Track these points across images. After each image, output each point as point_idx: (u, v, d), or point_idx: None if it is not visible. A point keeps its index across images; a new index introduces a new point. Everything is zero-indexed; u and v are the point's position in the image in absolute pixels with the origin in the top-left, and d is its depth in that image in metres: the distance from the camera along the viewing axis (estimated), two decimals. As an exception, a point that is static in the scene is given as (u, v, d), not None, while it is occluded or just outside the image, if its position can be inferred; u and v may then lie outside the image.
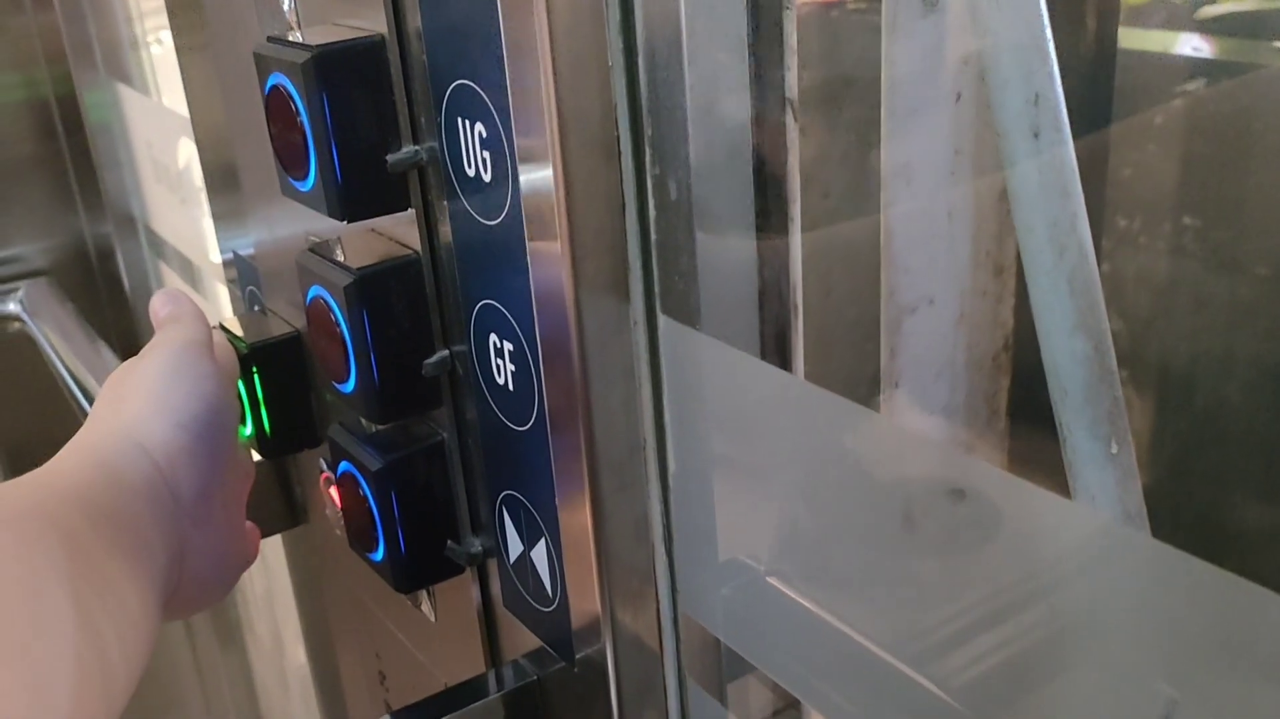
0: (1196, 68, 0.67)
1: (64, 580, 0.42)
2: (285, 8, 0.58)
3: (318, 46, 0.50)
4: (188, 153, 1.07)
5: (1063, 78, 0.37)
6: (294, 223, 0.66)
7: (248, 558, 0.62)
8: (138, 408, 0.54)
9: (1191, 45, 0.70)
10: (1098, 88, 0.61)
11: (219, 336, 0.66)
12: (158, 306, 0.62)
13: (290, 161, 0.54)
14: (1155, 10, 0.72)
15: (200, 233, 1.10)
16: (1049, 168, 0.36)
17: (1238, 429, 0.55)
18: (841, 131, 0.58)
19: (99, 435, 0.53)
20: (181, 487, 0.53)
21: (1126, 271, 0.64)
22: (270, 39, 0.54)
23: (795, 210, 0.55)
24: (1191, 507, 0.58)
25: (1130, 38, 0.68)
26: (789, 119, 0.54)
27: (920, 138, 0.54)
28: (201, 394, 0.55)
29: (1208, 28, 0.71)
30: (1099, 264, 0.40)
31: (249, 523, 0.63)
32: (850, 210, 0.58)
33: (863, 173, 0.56)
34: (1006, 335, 0.60)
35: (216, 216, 0.84)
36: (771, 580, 0.46)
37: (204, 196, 0.96)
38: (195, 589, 0.55)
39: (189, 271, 1.21)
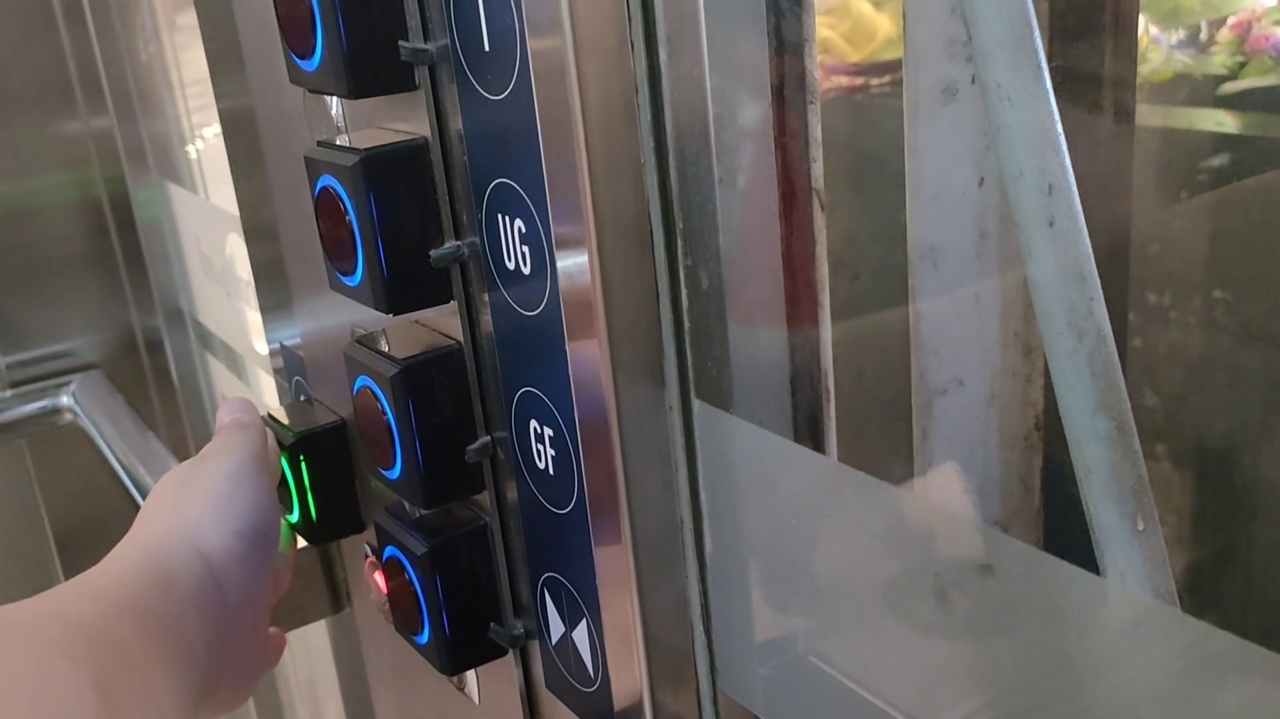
0: (1220, 143, 0.68)
1: (90, 697, 0.42)
2: (334, 113, 0.61)
3: (365, 150, 0.53)
4: (234, 248, 1.10)
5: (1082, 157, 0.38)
6: (339, 315, 0.68)
7: (269, 662, 0.64)
8: (198, 511, 0.56)
9: (1215, 120, 0.72)
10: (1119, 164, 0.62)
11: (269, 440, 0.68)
12: (225, 412, 0.64)
13: (339, 257, 0.57)
14: (1178, 86, 0.74)
15: (245, 325, 1.12)
16: (1065, 255, 0.37)
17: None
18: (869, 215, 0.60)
19: (155, 536, 0.54)
20: (231, 593, 0.55)
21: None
22: (320, 143, 0.57)
23: (824, 298, 0.57)
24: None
25: (1152, 114, 0.69)
26: (815, 208, 0.56)
27: (945, 222, 0.56)
28: (260, 506, 0.58)
29: (1231, 103, 0.72)
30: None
31: (273, 628, 0.65)
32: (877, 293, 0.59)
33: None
34: (1037, 414, 0.61)
35: (264, 309, 0.87)
36: (810, 658, 0.47)
37: (250, 290, 0.99)
38: (228, 691, 0.57)
39: (235, 362, 1.24)
